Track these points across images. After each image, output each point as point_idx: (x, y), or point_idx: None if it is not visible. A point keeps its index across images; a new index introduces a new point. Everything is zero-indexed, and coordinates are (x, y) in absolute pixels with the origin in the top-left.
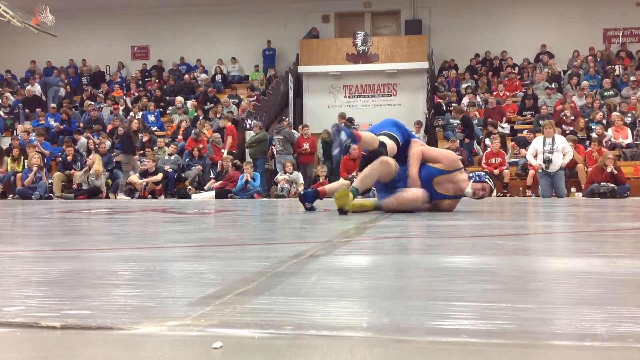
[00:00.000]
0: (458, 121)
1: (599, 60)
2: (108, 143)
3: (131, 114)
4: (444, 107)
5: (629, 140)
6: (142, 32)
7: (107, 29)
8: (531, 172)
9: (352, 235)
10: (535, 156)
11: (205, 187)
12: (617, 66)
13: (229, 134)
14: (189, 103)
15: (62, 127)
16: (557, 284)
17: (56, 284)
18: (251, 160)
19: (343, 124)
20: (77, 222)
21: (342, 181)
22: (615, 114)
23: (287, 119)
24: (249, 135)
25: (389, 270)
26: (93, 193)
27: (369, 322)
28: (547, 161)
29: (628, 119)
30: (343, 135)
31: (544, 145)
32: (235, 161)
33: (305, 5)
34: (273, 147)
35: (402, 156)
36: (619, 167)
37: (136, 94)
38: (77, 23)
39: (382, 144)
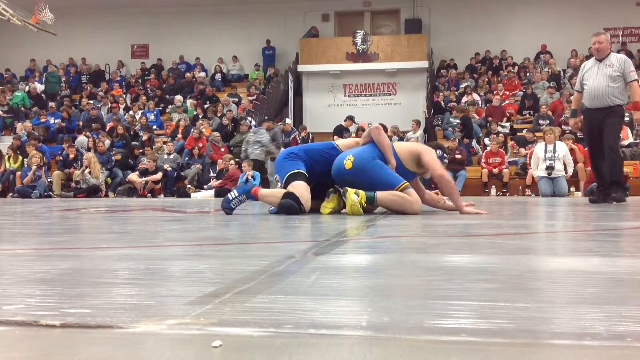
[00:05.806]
0: (458, 120)
1: None
2: (107, 142)
3: (130, 112)
4: (444, 105)
5: (630, 139)
6: (142, 31)
7: (106, 28)
8: (530, 171)
9: (351, 234)
10: (537, 164)
11: (205, 186)
12: None
13: None
14: (189, 102)
15: (63, 124)
16: (556, 283)
17: (56, 282)
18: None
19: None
20: (76, 220)
21: (277, 190)
22: None
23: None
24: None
25: (388, 269)
26: (93, 192)
27: (368, 320)
28: (550, 168)
29: (626, 118)
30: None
31: (545, 152)
32: None
33: (305, 4)
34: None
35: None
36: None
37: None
38: (76, 21)
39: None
